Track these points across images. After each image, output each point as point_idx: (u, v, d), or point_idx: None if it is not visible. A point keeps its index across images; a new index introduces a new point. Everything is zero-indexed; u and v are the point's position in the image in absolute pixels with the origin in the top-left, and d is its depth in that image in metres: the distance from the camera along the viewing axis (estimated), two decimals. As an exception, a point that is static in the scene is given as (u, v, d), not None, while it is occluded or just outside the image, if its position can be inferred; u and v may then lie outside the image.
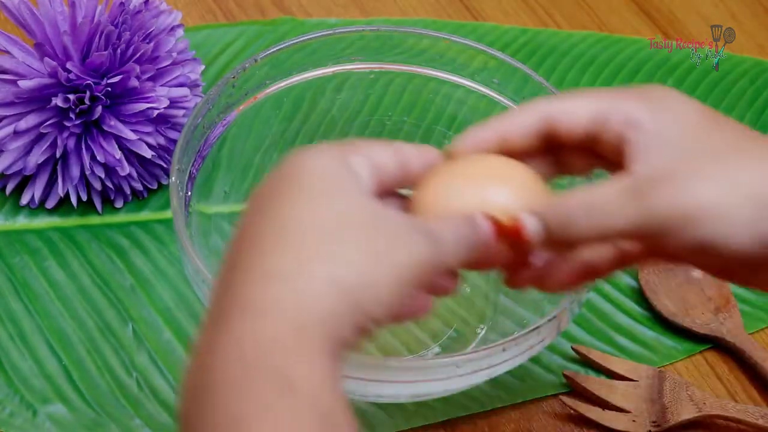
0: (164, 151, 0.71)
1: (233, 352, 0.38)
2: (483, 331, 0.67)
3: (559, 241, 0.46)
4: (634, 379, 0.65)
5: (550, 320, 0.57)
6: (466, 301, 0.69)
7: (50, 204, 0.70)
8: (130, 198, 0.72)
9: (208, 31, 0.81)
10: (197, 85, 0.72)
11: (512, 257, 0.47)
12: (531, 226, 0.46)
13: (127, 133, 0.68)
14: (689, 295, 0.69)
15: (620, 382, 0.64)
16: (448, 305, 0.68)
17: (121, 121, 0.68)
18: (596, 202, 0.45)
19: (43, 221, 0.71)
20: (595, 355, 0.65)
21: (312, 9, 0.84)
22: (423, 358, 0.64)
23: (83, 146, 0.68)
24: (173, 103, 0.69)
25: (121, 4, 0.67)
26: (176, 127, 0.70)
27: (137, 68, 0.67)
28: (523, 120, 0.48)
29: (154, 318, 0.66)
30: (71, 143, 0.68)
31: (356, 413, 0.63)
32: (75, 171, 0.69)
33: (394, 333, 0.67)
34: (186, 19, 0.79)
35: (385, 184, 0.46)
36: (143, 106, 0.68)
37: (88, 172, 0.69)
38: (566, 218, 0.45)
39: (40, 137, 0.68)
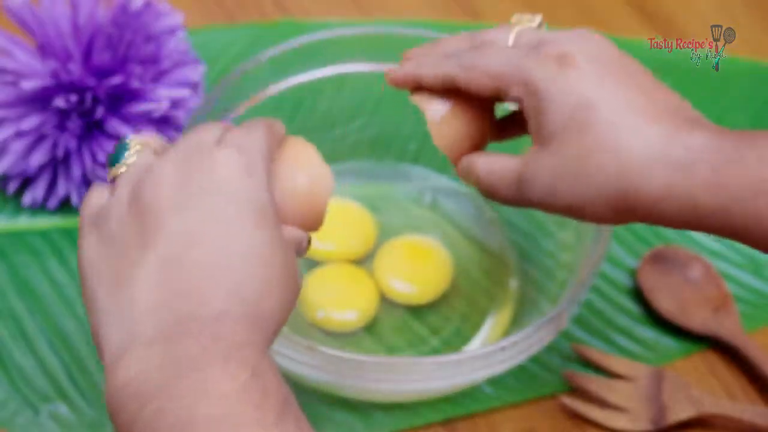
0: (165, 151, 0.71)
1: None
2: (484, 330, 0.67)
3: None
4: (633, 378, 0.65)
5: (549, 320, 0.57)
6: (467, 299, 0.69)
7: (52, 204, 0.71)
8: (132, 198, 0.72)
9: (209, 32, 0.81)
10: (198, 86, 0.73)
11: None
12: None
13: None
14: (687, 294, 0.69)
15: (619, 381, 0.65)
16: (449, 303, 0.68)
17: (123, 122, 0.68)
18: (493, 179, 0.51)
19: (44, 221, 0.71)
20: (594, 355, 0.66)
21: (312, 9, 0.85)
22: (423, 357, 0.64)
23: (84, 147, 0.69)
24: (174, 104, 0.70)
25: (123, 5, 0.67)
26: (177, 127, 0.71)
27: (138, 69, 0.67)
28: (438, 75, 0.53)
29: (156, 318, 0.67)
30: (72, 144, 0.68)
31: (356, 413, 0.64)
32: (76, 172, 0.69)
33: (395, 330, 0.67)
34: (187, 20, 0.79)
35: None
36: (144, 107, 0.68)
37: (89, 173, 0.69)
38: (468, 168, 0.52)
39: (42, 138, 0.68)
